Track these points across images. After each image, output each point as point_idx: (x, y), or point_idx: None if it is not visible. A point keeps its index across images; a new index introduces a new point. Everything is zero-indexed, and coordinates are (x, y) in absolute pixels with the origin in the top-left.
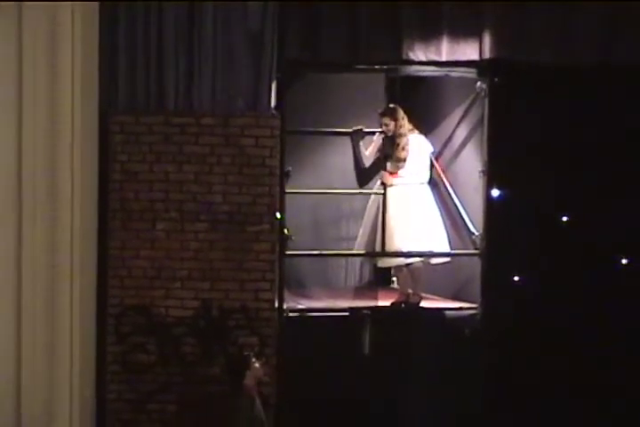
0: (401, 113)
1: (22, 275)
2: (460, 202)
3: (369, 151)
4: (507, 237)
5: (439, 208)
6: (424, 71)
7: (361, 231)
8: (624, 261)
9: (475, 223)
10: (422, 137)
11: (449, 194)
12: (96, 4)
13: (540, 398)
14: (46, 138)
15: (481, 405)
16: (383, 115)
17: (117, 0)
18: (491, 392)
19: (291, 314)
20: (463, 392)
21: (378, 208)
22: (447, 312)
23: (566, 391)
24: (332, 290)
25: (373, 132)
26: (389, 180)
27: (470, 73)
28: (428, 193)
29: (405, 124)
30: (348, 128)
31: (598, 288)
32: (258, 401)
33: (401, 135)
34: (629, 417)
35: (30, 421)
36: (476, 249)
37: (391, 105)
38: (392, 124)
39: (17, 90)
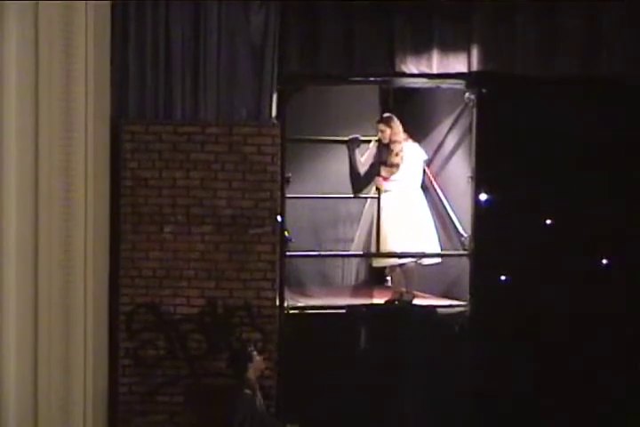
0: (396, 121)
1: (39, 275)
2: (450, 206)
3: (364, 158)
4: (494, 238)
5: (430, 212)
6: (416, 83)
7: (358, 233)
8: (608, 262)
9: (464, 226)
10: (416, 145)
11: (439, 198)
12: (108, 21)
13: (525, 391)
14: (62, 146)
15: (468, 394)
16: (380, 122)
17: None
18: (478, 382)
19: (291, 311)
20: (451, 383)
21: (374, 212)
22: (438, 309)
23: (552, 386)
24: (330, 289)
25: (368, 141)
26: (382, 185)
27: (459, 85)
28: (420, 198)
29: (400, 131)
30: (345, 137)
31: (582, 287)
32: (259, 393)
33: (395, 142)
34: (615, 414)
35: (47, 411)
36: (464, 250)
37: (387, 114)
38: (388, 131)
39: (34, 102)
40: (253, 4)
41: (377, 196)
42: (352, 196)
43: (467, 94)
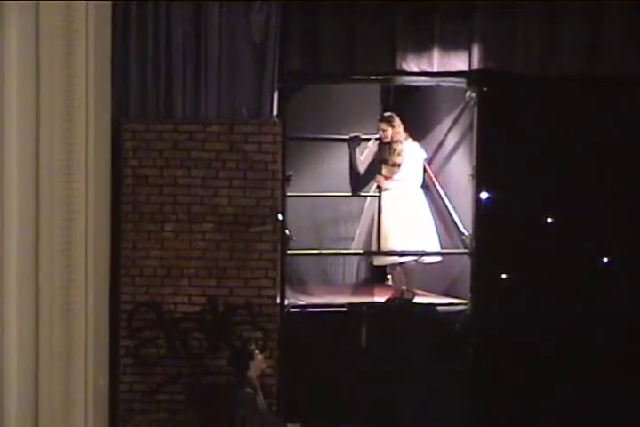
0: (397, 120)
1: (40, 274)
2: (451, 204)
3: (363, 156)
4: (495, 236)
5: (431, 210)
6: (416, 81)
7: (358, 232)
8: (608, 260)
9: (464, 224)
10: (417, 144)
11: (440, 197)
12: (108, 20)
13: (525, 391)
14: (62, 145)
15: (468, 392)
16: (381, 121)
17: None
18: (478, 381)
19: (292, 310)
20: (451, 381)
21: (374, 210)
22: (439, 308)
23: (552, 386)
24: (331, 287)
25: (369, 139)
26: (384, 183)
27: (460, 83)
28: (421, 196)
29: (401, 131)
30: (346, 135)
31: (582, 286)
32: (260, 392)
33: (397, 141)
34: (615, 414)
35: (48, 409)
36: (465, 248)
37: (388, 113)
38: (389, 130)
39: (35, 102)
40: (254, 3)
41: (377, 194)
42: (352, 194)
43: (467, 93)
